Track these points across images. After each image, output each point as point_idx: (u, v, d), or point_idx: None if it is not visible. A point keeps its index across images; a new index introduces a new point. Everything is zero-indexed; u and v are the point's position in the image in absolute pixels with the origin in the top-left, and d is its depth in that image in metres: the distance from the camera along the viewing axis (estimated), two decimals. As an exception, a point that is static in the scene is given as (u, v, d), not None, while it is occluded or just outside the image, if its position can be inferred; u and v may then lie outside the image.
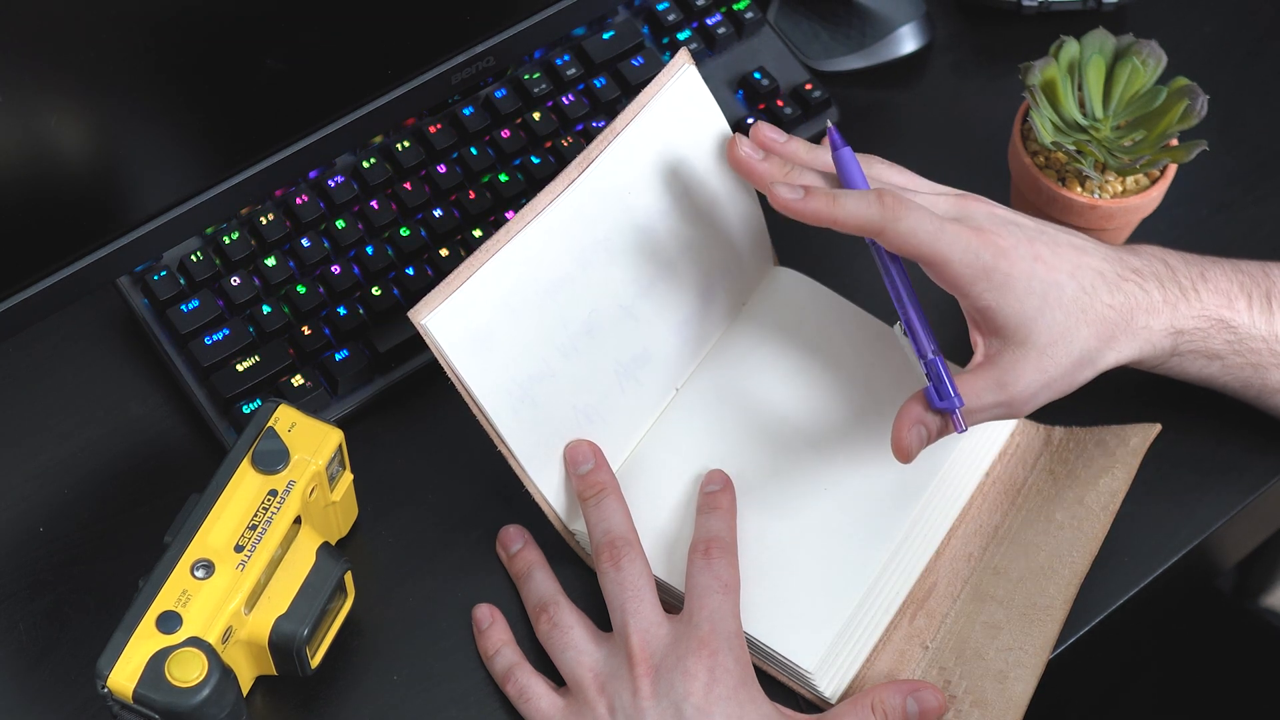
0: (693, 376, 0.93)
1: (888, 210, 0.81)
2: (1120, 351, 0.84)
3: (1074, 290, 0.82)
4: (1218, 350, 0.87)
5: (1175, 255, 0.87)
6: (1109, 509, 0.89)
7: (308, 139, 0.92)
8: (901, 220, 0.81)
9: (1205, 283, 0.86)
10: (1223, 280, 0.86)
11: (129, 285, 0.95)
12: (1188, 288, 0.85)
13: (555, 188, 0.86)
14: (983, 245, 0.82)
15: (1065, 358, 0.82)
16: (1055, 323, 0.82)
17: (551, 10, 0.97)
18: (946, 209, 0.84)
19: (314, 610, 0.81)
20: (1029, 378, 0.82)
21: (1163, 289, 0.85)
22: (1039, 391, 0.83)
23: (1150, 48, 0.93)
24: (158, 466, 0.93)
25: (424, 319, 0.82)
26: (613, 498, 0.86)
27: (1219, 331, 0.86)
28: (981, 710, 0.83)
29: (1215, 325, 0.86)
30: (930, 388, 0.82)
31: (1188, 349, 0.86)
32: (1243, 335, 0.86)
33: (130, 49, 0.82)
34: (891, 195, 0.82)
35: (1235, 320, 0.86)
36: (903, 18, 1.07)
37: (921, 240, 0.81)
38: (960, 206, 0.85)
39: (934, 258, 0.82)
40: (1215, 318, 0.86)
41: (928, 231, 0.81)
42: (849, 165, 0.85)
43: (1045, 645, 0.85)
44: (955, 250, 0.81)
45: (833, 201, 0.82)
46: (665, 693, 0.80)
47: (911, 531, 0.88)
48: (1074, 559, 0.87)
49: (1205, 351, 0.87)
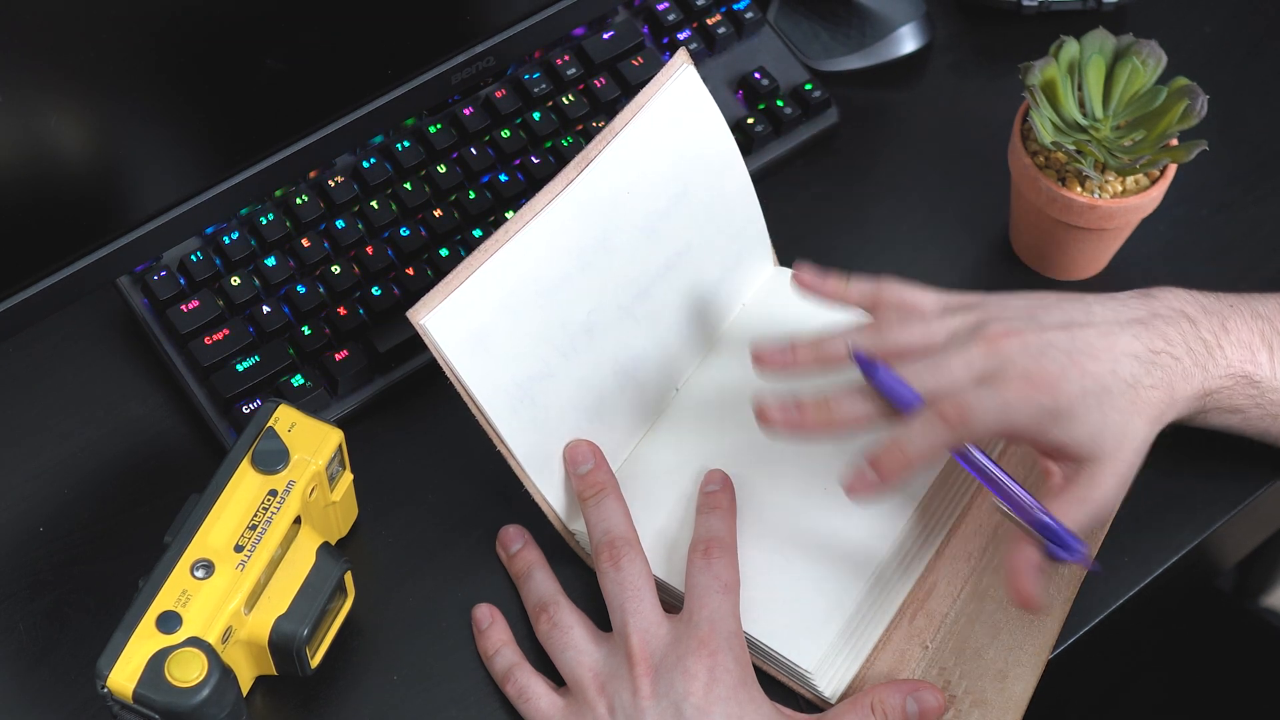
0: (693, 376, 0.93)
1: (954, 427, 0.80)
2: (1165, 420, 0.84)
3: (1121, 388, 0.81)
4: (1239, 405, 0.86)
5: (1194, 303, 0.85)
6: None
7: (308, 139, 0.92)
8: (970, 424, 0.80)
9: (1227, 335, 0.85)
10: (1244, 330, 0.85)
11: (129, 285, 0.95)
12: (1212, 345, 0.84)
13: (554, 188, 0.86)
14: (1037, 392, 0.80)
15: (1131, 453, 0.82)
16: (1115, 426, 0.81)
17: (551, 10, 0.97)
18: (961, 330, 0.83)
19: (314, 610, 0.81)
20: (1108, 485, 0.82)
21: (1191, 353, 0.84)
22: (1119, 491, 0.83)
23: (1150, 48, 0.93)
24: (158, 466, 0.93)
25: (423, 319, 0.82)
26: (612, 497, 0.86)
27: (1243, 388, 0.85)
28: (981, 710, 0.83)
29: (1239, 382, 0.85)
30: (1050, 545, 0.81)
31: (1213, 406, 0.86)
32: (1264, 389, 0.86)
33: (130, 49, 0.82)
34: (950, 405, 0.80)
35: (1258, 375, 0.85)
36: (903, 18, 1.07)
37: (991, 426, 0.80)
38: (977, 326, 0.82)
39: (1005, 432, 0.81)
40: (1240, 374, 0.85)
41: (994, 417, 0.80)
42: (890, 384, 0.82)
43: (1045, 645, 0.85)
44: (1021, 415, 0.80)
45: (901, 448, 0.80)
46: (665, 692, 0.80)
47: (911, 531, 0.88)
48: (1074, 559, 0.87)
49: (1228, 407, 0.86)
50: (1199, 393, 0.84)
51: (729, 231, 0.93)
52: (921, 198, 1.03)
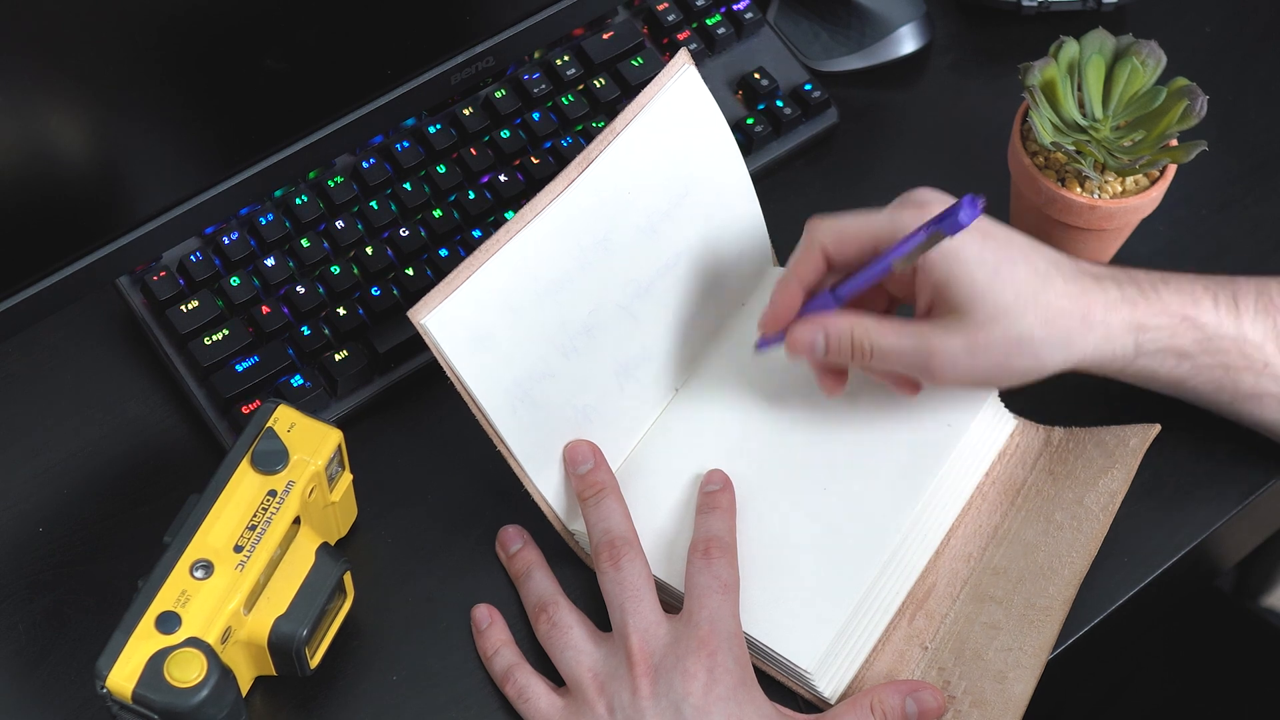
0: (692, 377, 0.93)
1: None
2: (1074, 349, 0.83)
3: (1026, 272, 0.81)
4: (1186, 349, 0.85)
5: (1134, 269, 0.86)
6: (1108, 509, 0.88)
7: (308, 139, 0.92)
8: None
9: (1166, 285, 0.85)
10: (1185, 283, 0.85)
11: (129, 285, 0.95)
12: (1147, 289, 0.84)
13: (555, 188, 0.86)
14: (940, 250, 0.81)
15: (1001, 337, 0.81)
16: (1001, 299, 0.81)
17: (551, 10, 0.97)
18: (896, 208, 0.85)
19: (313, 610, 0.81)
20: (953, 343, 0.81)
21: (1120, 288, 0.84)
22: (959, 360, 0.82)
23: (1150, 48, 0.93)
24: (158, 466, 0.93)
25: (424, 319, 0.82)
26: (612, 498, 0.86)
27: (1186, 329, 0.85)
28: (981, 710, 0.83)
29: (1181, 322, 0.84)
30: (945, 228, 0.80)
31: (1153, 347, 0.85)
32: (1210, 334, 0.85)
33: (130, 49, 0.82)
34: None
35: (1202, 318, 0.85)
36: (903, 18, 1.07)
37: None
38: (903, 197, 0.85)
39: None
40: (1180, 314, 0.84)
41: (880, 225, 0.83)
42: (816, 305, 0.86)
43: (1045, 645, 0.85)
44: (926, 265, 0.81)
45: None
46: (664, 692, 0.80)
47: (911, 531, 0.88)
48: (1073, 559, 0.87)
49: (1173, 350, 0.85)
50: (1127, 324, 0.83)
51: (729, 231, 0.93)
52: (921, 198, 1.03)
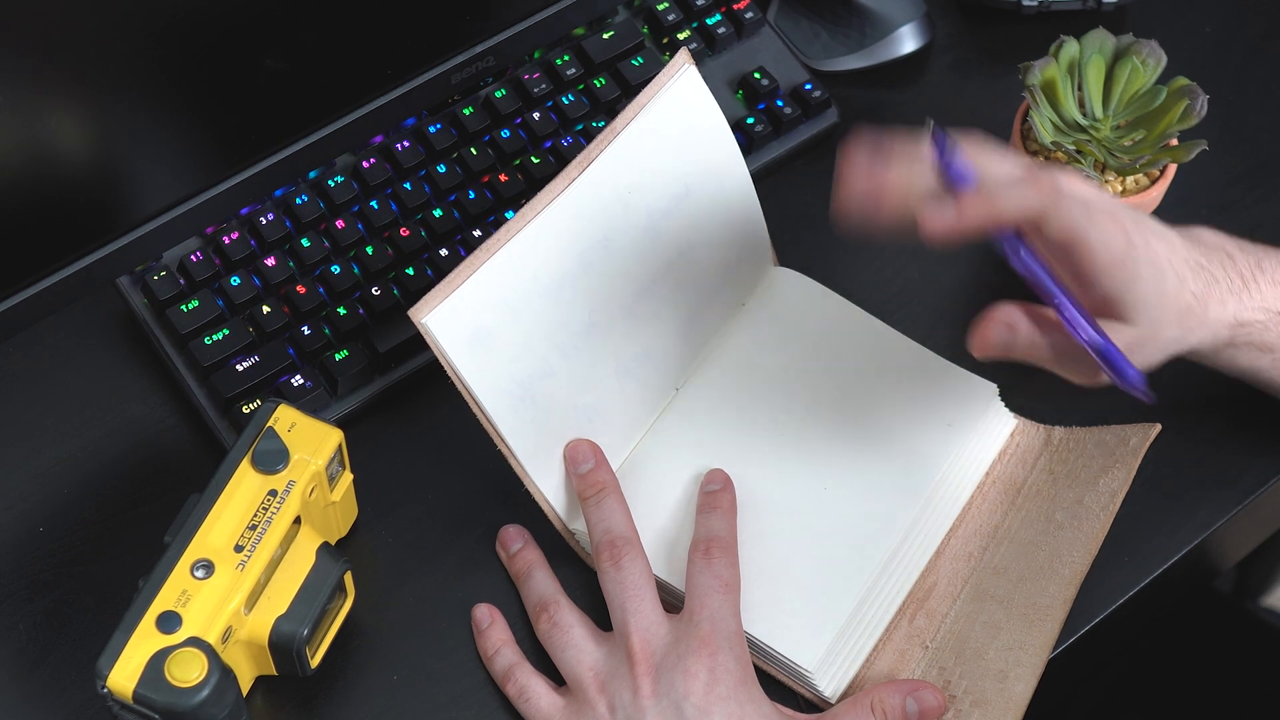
0: (693, 376, 0.93)
1: (1046, 195, 0.77)
2: (1189, 340, 0.83)
3: (1173, 280, 0.81)
4: (1271, 343, 0.85)
5: (1233, 242, 0.85)
6: (1109, 509, 0.89)
7: (308, 139, 0.92)
8: (1062, 205, 0.78)
9: (1263, 273, 0.84)
10: (1279, 271, 0.85)
11: (129, 285, 0.95)
12: (1249, 278, 0.84)
13: (555, 187, 0.86)
14: (1117, 232, 0.79)
15: (1151, 340, 0.81)
16: (1159, 309, 0.80)
17: (551, 10, 0.97)
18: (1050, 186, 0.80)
19: (314, 610, 0.81)
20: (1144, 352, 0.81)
21: (1228, 279, 0.83)
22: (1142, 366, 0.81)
23: (1150, 48, 0.93)
24: (158, 466, 0.93)
25: (424, 318, 0.82)
26: (613, 497, 0.86)
27: (1276, 323, 0.85)
28: (982, 710, 0.83)
29: (1274, 317, 0.85)
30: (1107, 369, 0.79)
31: (1244, 340, 0.85)
32: None
33: (130, 49, 0.82)
34: (1047, 177, 0.78)
35: None
36: (903, 18, 1.07)
37: (1077, 224, 0.78)
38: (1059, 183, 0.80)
39: (1083, 244, 0.78)
40: (1275, 310, 0.84)
41: (1082, 216, 0.78)
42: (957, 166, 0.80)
43: (1045, 645, 0.85)
44: (1101, 237, 0.78)
45: (992, 202, 0.77)
46: (666, 692, 0.80)
47: (911, 531, 0.88)
48: (1074, 559, 0.87)
49: (1260, 344, 0.85)
50: (1232, 321, 0.83)
51: (730, 231, 0.93)
52: (921, 198, 1.03)
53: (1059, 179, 0.79)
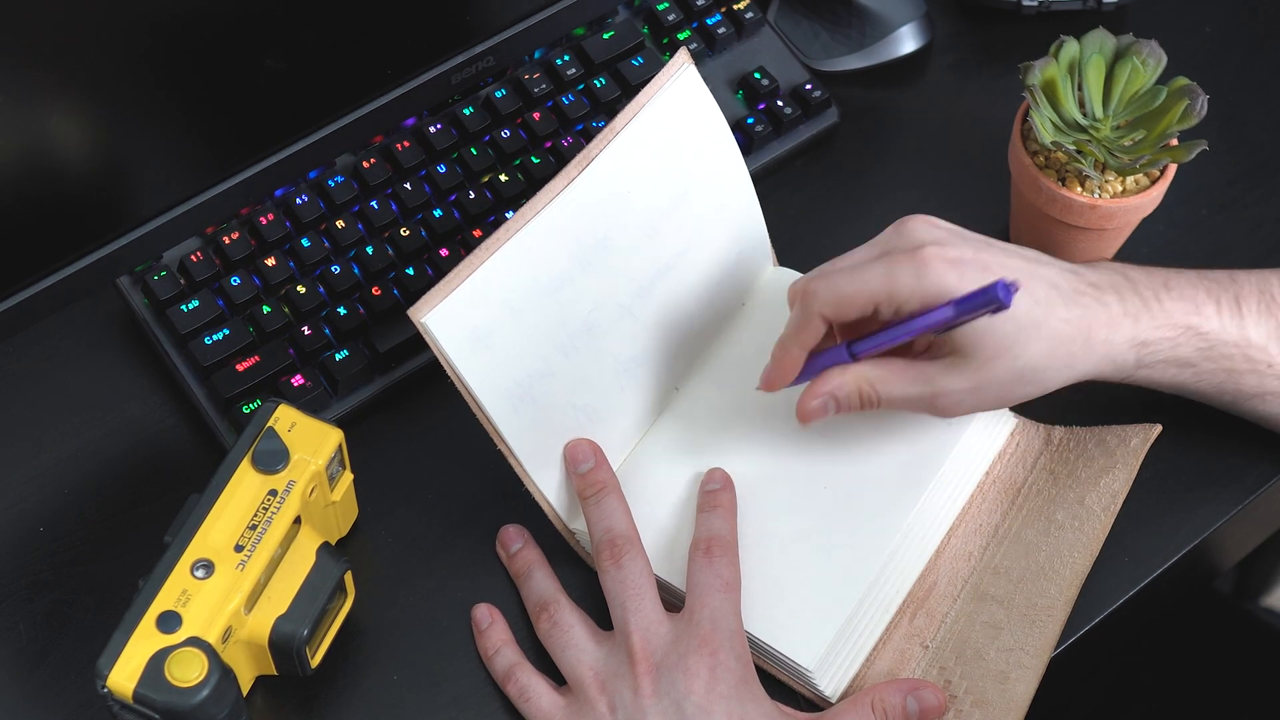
0: (693, 376, 0.93)
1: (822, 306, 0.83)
2: (1076, 369, 0.83)
3: (1027, 303, 0.80)
4: (1188, 358, 0.85)
5: (1135, 269, 0.85)
6: (1110, 509, 0.88)
7: (308, 139, 0.92)
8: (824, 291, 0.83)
9: (1169, 292, 0.84)
10: (1188, 288, 0.85)
11: (129, 285, 0.95)
12: (1150, 299, 0.84)
13: (555, 187, 0.86)
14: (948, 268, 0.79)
15: (1005, 372, 0.81)
16: (1004, 336, 0.80)
17: (551, 10, 0.97)
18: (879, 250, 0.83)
19: (314, 610, 0.81)
20: (958, 384, 0.81)
21: (1122, 302, 0.83)
22: (964, 399, 0.82)
23: (1150, 48, 0.93)
24: (158, 466, 0.93)
25: (424, 317, 0.82)
26: (613, 496, 0.86)
27: (1188, 339, 0.85)
28: (983, 710, 0.83)
29: (1184, 333, 0.84)
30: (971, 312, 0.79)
31: (1154, 360, 0.85)
32: (1214, 341, 0.85)
33: (130, 49, 0.82)
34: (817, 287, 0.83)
35: (1205, 326, 0.84)
36: (903, 18, 1.07)
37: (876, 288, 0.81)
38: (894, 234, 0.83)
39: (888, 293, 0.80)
40: (1183, 325, 0.84)
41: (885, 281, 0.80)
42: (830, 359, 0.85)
43: (1046, 646, 0.85)
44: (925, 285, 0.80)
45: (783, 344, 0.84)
46: (666, 691, 0.80)
47: (911, 531, 0.88)
48: (1075, 559, 0.87)
49: (1175, 360, 0.85)
50: (1129, 342, 0.83)
51: (729, 231, 0.93)
52: (921, 198, 1.03)
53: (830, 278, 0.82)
